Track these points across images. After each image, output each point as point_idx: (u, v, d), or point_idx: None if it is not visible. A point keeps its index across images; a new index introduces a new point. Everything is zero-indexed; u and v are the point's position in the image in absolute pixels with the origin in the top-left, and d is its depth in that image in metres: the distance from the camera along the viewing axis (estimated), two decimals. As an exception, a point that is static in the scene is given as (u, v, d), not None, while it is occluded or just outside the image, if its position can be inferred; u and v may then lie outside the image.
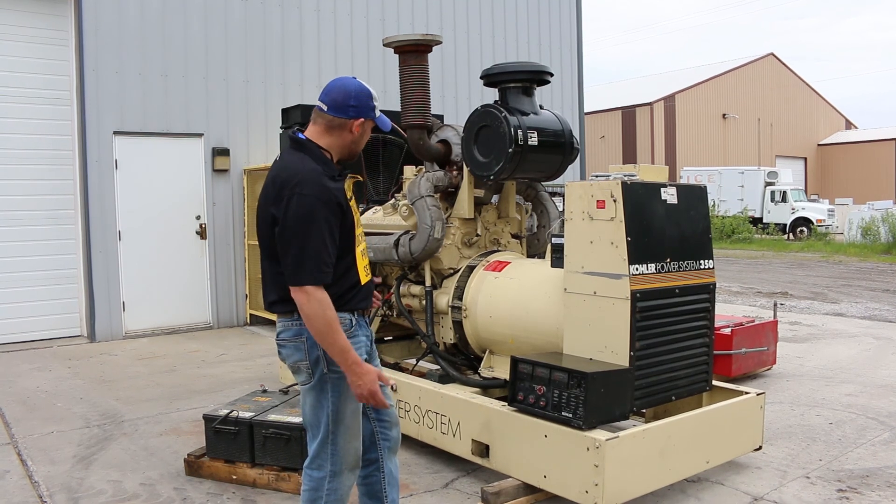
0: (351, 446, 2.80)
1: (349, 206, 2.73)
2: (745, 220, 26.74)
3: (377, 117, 2.80)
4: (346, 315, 2.75)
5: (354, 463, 2.84)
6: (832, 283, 13.65)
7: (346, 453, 2.79)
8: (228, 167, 9.28)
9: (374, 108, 2.79)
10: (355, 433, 2.81)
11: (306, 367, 2.73)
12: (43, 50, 8.38)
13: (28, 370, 7.02)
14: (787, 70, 44.27)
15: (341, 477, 2.79)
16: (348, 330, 2.73)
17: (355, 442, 2.82)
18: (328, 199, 2.61)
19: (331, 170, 2.72)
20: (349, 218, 2.72)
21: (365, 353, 2.83)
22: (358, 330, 2.81)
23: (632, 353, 3.63)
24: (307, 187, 2.59)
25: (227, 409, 4.26)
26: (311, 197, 2.58)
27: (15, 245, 8.24)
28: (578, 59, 13.44)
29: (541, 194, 5.36)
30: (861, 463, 4.39)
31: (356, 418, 2.80)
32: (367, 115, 2.77)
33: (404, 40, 4.96)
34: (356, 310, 2.80)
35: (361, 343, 2.81)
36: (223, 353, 7.73)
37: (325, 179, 2.65)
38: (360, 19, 10.55)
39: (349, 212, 2.72)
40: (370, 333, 2.94)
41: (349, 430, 2.77)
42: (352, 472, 2.84)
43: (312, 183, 2.61)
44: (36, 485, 4.15)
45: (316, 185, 2.61)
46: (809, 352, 7.54)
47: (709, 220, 4.12)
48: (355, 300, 2.78)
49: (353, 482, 2.87)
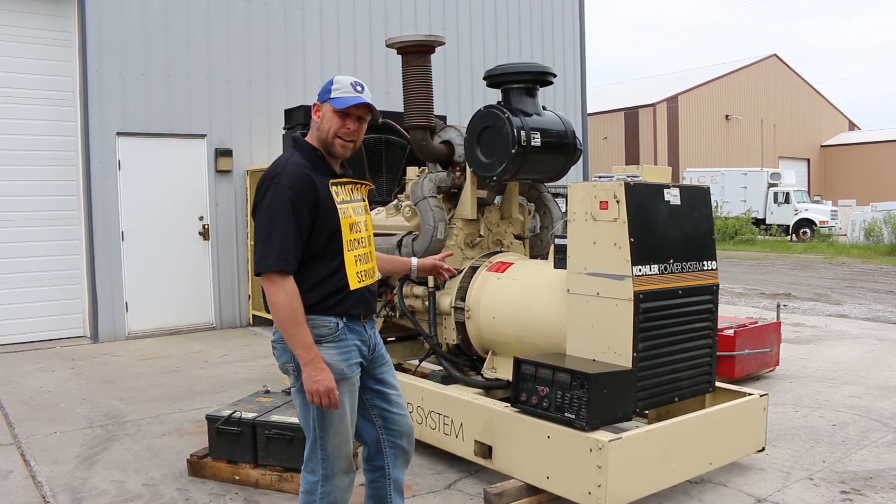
0: (341, 451, 2.76)
1: (332, 206, 2.68)
2: (748, 221, 26.70)
3: (332, 99, 2.72)
4: (332, 319, 2.70)
5: (347, 467, 2.79)
6: (835, 284, 13.62)
7: (336, 457, 2.75)
8: (231, 168, 9.29)
9: (331, 91, 2.73)
10: (345, 437, 2.75)
11: (293, 369, 2.71)
12: (46, 51, 8.40)
13: (31, 370, 7.03)
14: (790, 71, 44.21)
15: (334, 480, 2.77)
16: (333, 334, 2.70)
17: (345, 447, 2.77)
18: (301, 192, 2.61)
19: (320, 167, 2.72)
20: (331, 218, 2.68)
21: (357, 359, 2.78)
22: (347, 334, 2.74)
23: (635, 355, 3.62)
24: (284, 178, 2.62)
25: (229, 410, 4.27)
26: (285, 187, 2.60)
27: (18, 246, 8.25)
28: (581, 59, 13.43)
29: (544, 195, 5.36)
30: (865, 465, 4.38)
31: (343, 422, 2.73)
32: (320, 98, 2.76)
33: (407, 41, 4.96)
34: (346, 315, 2.74)
35: (351, 348, 2.75)
36: (226, 354, 7.74)
37: (306, 173, 2.65)
38: (363, 20, 10.56)
39: (331, 212, 2.68)
40: (370, 340, 2.87)
41: (337, 434, 2.73)
42: (345, 475, 2.80)
43: (290, 175, 2.63)
44: (39, 485, 4.15)
45: (292, 178, 2.62)
46: (813, 353, 7.53)
47: (712, 222, 4.11)
48: (342, 305, 2.72)
49: (348, 485, 2.83)
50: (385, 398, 2.96)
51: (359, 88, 2.74)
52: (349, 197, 2.80)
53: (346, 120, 2.73)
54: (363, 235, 2.83)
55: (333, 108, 2.71)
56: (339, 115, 2.72)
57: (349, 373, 2.74)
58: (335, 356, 2.69)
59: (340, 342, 2.71)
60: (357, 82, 2.76)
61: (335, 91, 2.73)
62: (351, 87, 2.73)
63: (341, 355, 2.72)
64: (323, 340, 2.68)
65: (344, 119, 2.73)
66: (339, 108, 2.70)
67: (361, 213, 2.85)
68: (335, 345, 2.70)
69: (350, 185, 2.84)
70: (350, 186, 2.83)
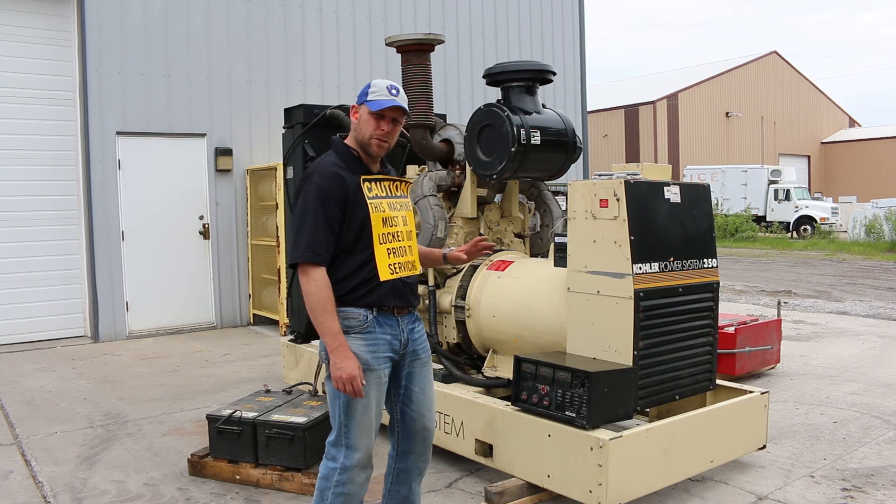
0: (362, 443, 2.83)
1: (362, 201, 2.81)
2: (749, 218, 26.68)
3: (368, 101, 2.86)
4: (361, 311, 2.81)
5: (366, 461, 2.86)
6: (836, 281, 13.62)
7: (357, 449, 2.82)
8: (231, 167, 9.29)
9: (367, 94, 2.88)
10: (366, 429, 2.83)
11: (324, 358, 2.82)
12: (46, 50, 8.40)
13: (32, 370, 7.03)
14: (790, 68, 44.19)
15: (351, 472, 2.83)
16: (361, 326, 2.80)
17: (366, 439, 2.84)
18: (330, 188, 2.76)
19: (353, 165, 2.87)
20: (361, 212, 2.80)
21: (386, 353, 2.85)
22: (376, 327, 2.83)
23: (635, 353, 3.62)
24: (315, 177, 2.80)
25: (230, 410, 4.26)
26: (315, 185, 2.77)
27: (18, 245, 8.25)
28: (581, 57, 13.42)
29: (544, 193, 5.36)
30: (866, 462, 4.38)
31: (367, 413, 2.81)
32: (358, 100, 2.93)
33: (407, 39, 4.96)
34: (376, 307, 2.82)
35: (379, 342, 2.83)
36: (226, 353, 7.74)
37: (335, 171, 2.81)
38: (362, 18, 10.55)
39: (360, 206, 2.80)
40: (402, 335, 2.91)
41: (360, 425, 2.81)
42: (363, 470, 2.86)
43: (320, 174, 2.80)
44: (40, 485, 4.15)
45: (322, 176, 2.79)
46: (813, 350, 7.52)
47: (712, 219, 4.11)
48: (372, 296, 2.81)
49: (365, 480, 2.89)
50: (407, 394, 3.01)
51: (394, 92, 2.88)
52: (385, 193, 2.91)
53: (380, 122, 2.86)
54: (399, 230, 2.92)
55: (369, 110, 2.86)
56: (374, 117, 2.86)
57: (375, 365, 2.81)
58: (361, 347, 2.79)
59: (368, 334, 2.81)
60: (392, 85, 2.89)
61: (371, 94, 2.87)
62: (386, 91, 2.87)
63: (368, 347, 2.81)
64: (351, 331, 2.79)
65: (379, 121, 2.86)
66: (374, 110, 2.85)
67: (399, 208, 2.96)
68: (363, 336, 2.80)
69: (388, 182, 2.95)
70: (388, 183, 2.95)
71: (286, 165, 5.86)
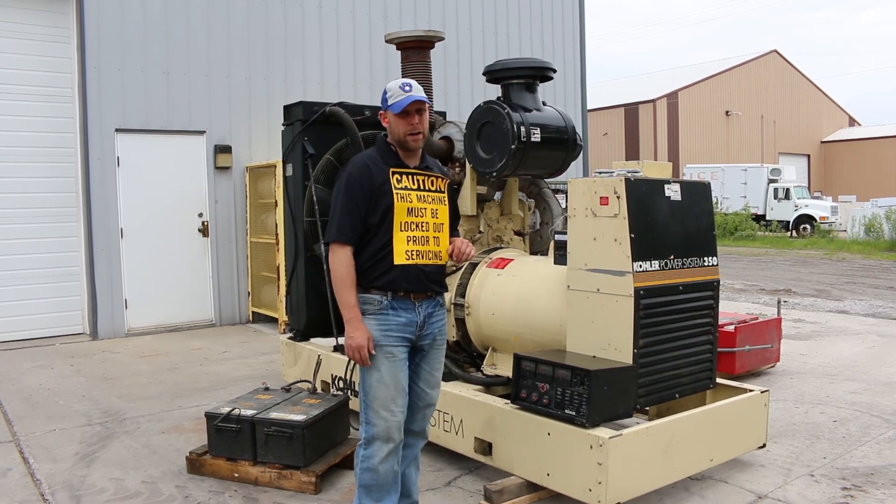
0: (380, 416, 3.04)
1: (388, 190, 3.06)
2: (748, 217, 26.70)
3: (389, 106, 3.12)
4: (376, 296, 3.07)
5: (385, 435, 3.05)
6: (836, 280, 13.61)
7: (374, 423, 3.05)
8: (231, 164, 9.28)
9: (387, 100, 3.14)
10: (383, 403, 3.04)
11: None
12: (45, 47, 8.38)
13: (30, 368, 7.02)
14: (790, 67, 44.18)
15: (373, 446, 3.06)
16: (377, 308, 3.07)
17: (384, 412, 3.04)
18: (359, 178, 3.07)
19: (388, 158, 3.15)
20: (385, 200, 3.05)
21: (397, 334, 3.07)
22: (389, 311, 3.07)
23: (635, 351, 3.61)
24: (351, 167, 3.13)
25: (228, 407, 4.25)
26: (347, 174, 3.11)
27: (17, 243, 8.24)
28: (581, 55, 13.40)
29: (544, 191, 5.34)
30: (866, 461, 4.37)
31: (381, 387, 3.04)
32: (382, 107, 3.21)
33: (406, 36, 4.94)
34: (390, 290, 3.07)
35: (391, 324, 3.07)
36: (225, 351, 7.73)
37: (366, 163, 3.11)
38: (362, 15, 10.53)
39: (386, 195, 3.06)
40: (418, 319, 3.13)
41: (376, 398, 3.05)
42: (385, 444, 3.05)
43: (355, 164, 3.14)
44: (38, 482, 4.14)
45: (353, 167, 3.12)
46: (813, 349, 7.52)
47: (712, 217, 4.10)
48: (385, 278, 3.06)
49: (387, 455, 3.05)
50: (417, 370, 3.24)
51: (407, 88, 3.11)
52: (417, 186, 3.16)
53: (407, 118, 3.12)
54: (426, 220, 3.14)
55: (393, 113, 3.12)
56: (400, 117, 3.12)
57: (384, 342, 3.06)
58: (373, 326, 3.07)
59: (382, 316, 3.08)
60: (404, 83, 3.13)
61: (390, 98, 3.13)
62: (400, 90, 3.11)
63: (380, 327, 3.07)
64: (367, 313, 3.07)
65: (406, 118, 3.12)
66: (397, 111, 3.10)
67: (431, 201, 3.18)
68: (376, 317, 3.07)
69: (422, 177, 3.20)
70: (422, 178, 3.19)
71: (285, 163, 5.83)
